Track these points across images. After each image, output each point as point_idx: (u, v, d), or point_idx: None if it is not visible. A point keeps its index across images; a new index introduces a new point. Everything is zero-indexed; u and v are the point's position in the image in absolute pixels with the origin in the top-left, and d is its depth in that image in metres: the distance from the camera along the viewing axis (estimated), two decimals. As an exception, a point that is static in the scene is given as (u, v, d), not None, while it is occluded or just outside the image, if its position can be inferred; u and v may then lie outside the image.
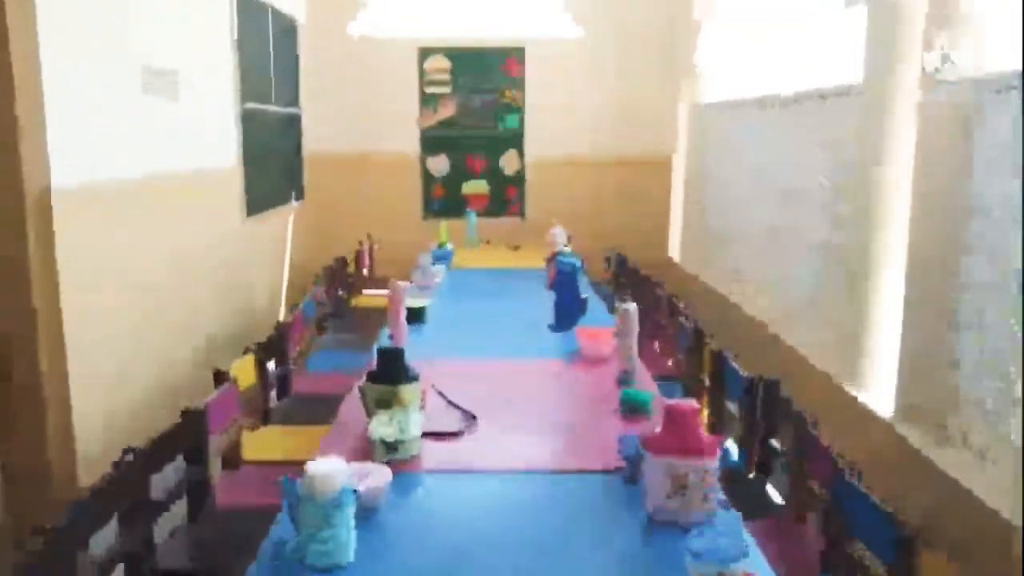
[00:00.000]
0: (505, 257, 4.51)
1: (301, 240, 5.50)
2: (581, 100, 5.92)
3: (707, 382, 2.51)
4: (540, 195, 5.98)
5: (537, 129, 5.94)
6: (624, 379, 2.15)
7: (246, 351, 2.54)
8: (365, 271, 4.98)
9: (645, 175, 5.87)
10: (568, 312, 2.74)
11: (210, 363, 2.87)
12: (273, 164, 4.87)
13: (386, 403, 1.71)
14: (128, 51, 2.98)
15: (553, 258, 3.40)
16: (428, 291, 3.28)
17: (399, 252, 5.28)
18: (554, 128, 5.93)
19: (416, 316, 2.85)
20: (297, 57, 5.50)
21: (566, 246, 3.75)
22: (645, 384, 2.19)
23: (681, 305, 3.14)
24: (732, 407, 2.31)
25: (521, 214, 6.04)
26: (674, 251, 5.49)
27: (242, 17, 4.28)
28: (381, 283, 5.02)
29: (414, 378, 1.79)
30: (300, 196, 5.55)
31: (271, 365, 2.67)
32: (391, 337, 2.51)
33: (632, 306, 2.26)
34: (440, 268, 3.75)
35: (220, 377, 2.20)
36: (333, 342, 3.62)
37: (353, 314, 4.17)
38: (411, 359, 1.86)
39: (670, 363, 3.13)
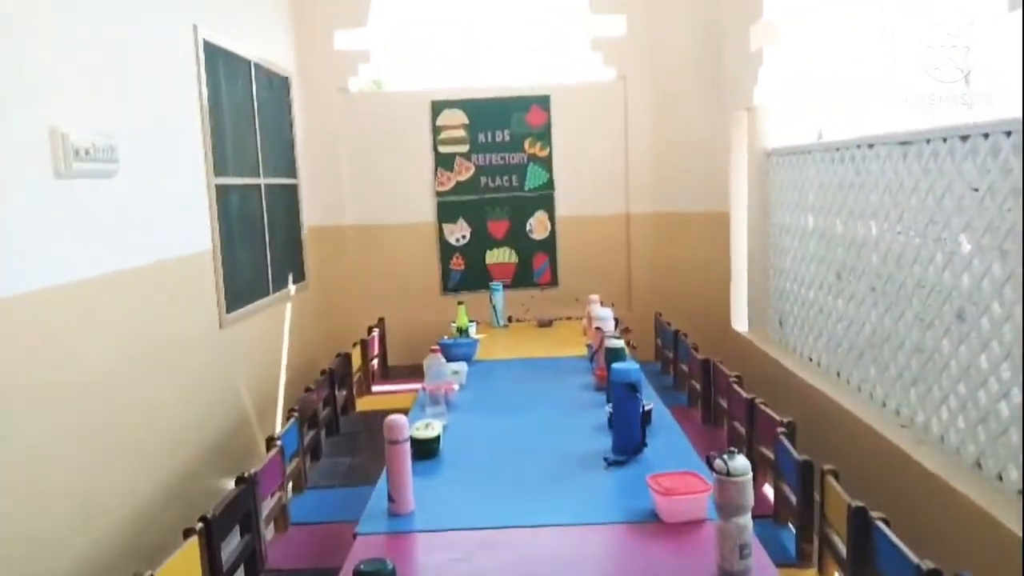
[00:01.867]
0: (537, 340, 4.36)
1: (303, 329, 5.21)
2: (618, 150, 5.78)
3: (845, 551, 1.92)
4: (574, 261, 5.84)
5: (568, 185, 5.80)
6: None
7: (186, 534, 1.86)
8: (375, 362, 4.69)
9: (697, 233, 5.55)
10: (629, 438, 2.37)
11: (187, 505, 2.43)
12: (261, 245, 4.55)
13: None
14: (36, 120, 2.42)
15: (600, 346, 3.17)
16: (441, 407, 2.84)
17: (416, 334, 5.33)
18: (587, 183, 5.79)
19: (425, 451, 2.40)
20: (291, 119, 5.21)
21: (618, 336, 3.13)
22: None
23: (781, 420, 2.61)
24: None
25: (553, 282, 5.84)
26: (739, 321, 5.02)
27: (212, 73, 3.83)
28: (397, 373, 4.65)
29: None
30: (300, 278, 5.22)
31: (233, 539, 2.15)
32: (391, 499, 2.01)
33: (745, 474, 1.54)
34: (459, 368, 3.37)
35: None
36: (327, 474, 3.16)
37: (360, 422, 3.84)
38: (416, 527, 1.68)
39: (767, 492, 2.65)
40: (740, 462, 1.60)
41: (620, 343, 3.10)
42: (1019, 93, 1.91)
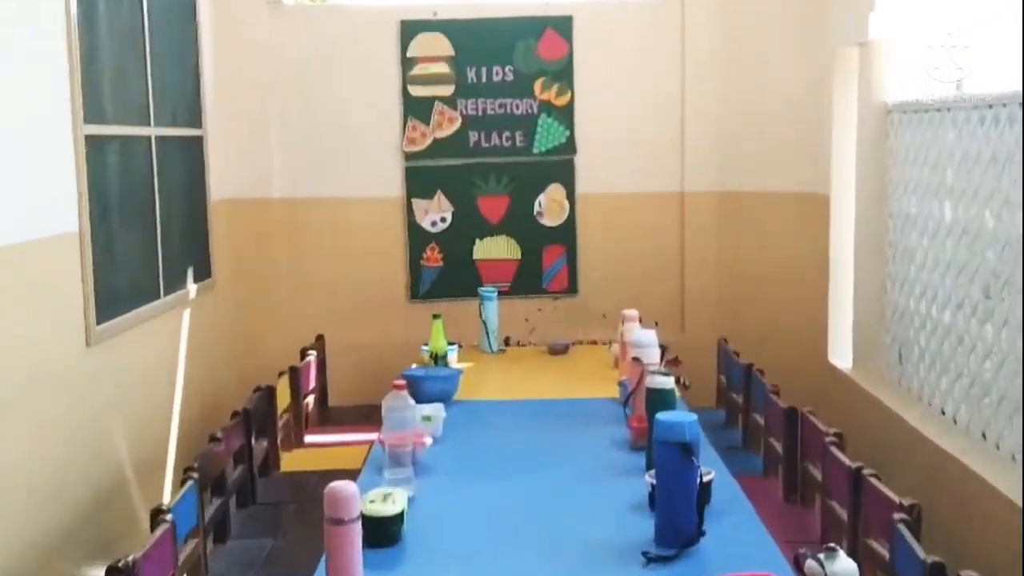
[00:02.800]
0: (546, 374, 4.40)
1: (208, 350, 5.22)
2: (669, 100, 5.80)
3: None
4: (601, 259, 5.87)
5: (596, 149, 5.83)
6: None
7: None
8: (309, 401, 4.69)
9: (781, 224, 5.55)
10: (680, 522, 2.38)
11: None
12: (150, 226, 4.56)
13: None
14: None
15: (638, 386, 3.20)
16: (406, 470, 2.82)
17: (370, 361, 5.39)
18: (623, 147, 5.82)
19: (382, 534, 2.41)
20: (196, 44, 5.26)
21: (665, 371, 3.14)
22: None
23: (900, 501, 2.60)
24: None
25: (571, 289, 5.80)
26: (839, 353, 5.04)
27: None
28: (342, 417, 4.68)
29: None
30: (205, 274, 5.23)
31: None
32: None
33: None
34: (433, 412, 3.37)
35: None
36: (239, 562, 3.19)
37: (286, 488, 3.89)
38: None
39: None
40: (843, 565, 1.60)
41: (668, 382, 3.07)
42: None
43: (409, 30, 5.67)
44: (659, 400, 2.97)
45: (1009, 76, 3.65)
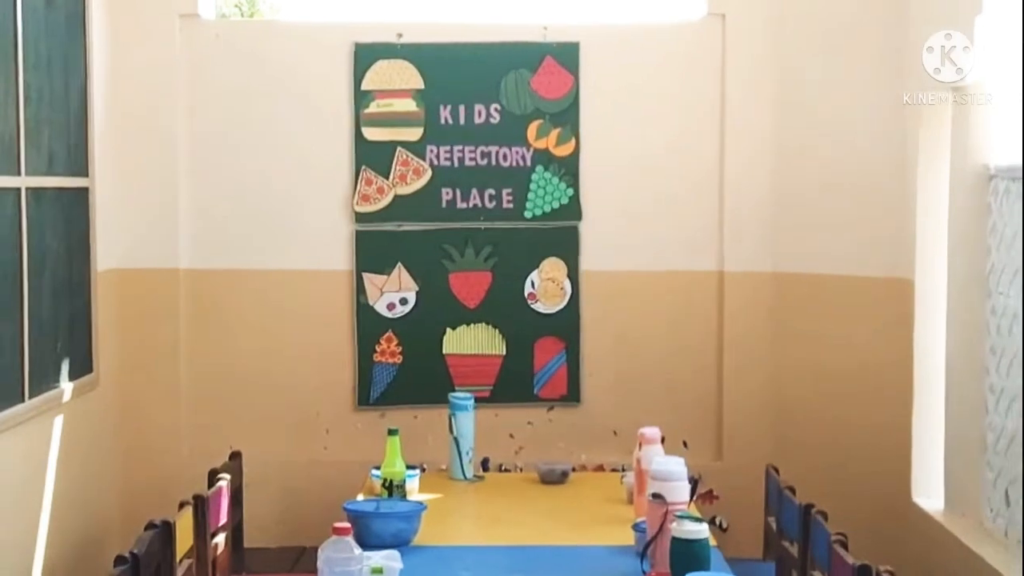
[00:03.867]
0: (538, 511, 4.43)
1: (86, 471, 5.20)
2: (703, 153, 5.86)
3: None
4: (613, 358, 5.88)
5: (607, 213, 5.89)
6: None
7: None
8: (219, 542, 4.61)
9: (851, 317, 5.57)
10: None
11: None
12: (15, 304, 4.57)
13: None
14: None
15: (661, 531, 3.25)
16: None
17: (303, 490, 5.48)
18: (644, 211, 5.87)
19: None
20: (85, 68, 5.30)
21: (697, 517, 3.13)
22: None
23: None
24: None
25: (572, 397, 5.85)
26: (926, 491, 5.01)
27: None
28: (264, 565, 4.94)
29: None
30: (84, 369, 5.24)
31: None
32: None
33: None
34: (386, 563, 3.33)
35: None
36: None
37: None
38: None
39: None
40: None
41: (701, 530, 3.09)
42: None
43: (366, 56, 5.75)
44: (688, 554, 2.99)
45: None
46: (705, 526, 3.15)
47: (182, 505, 4.32)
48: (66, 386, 4.94)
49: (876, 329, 5.37)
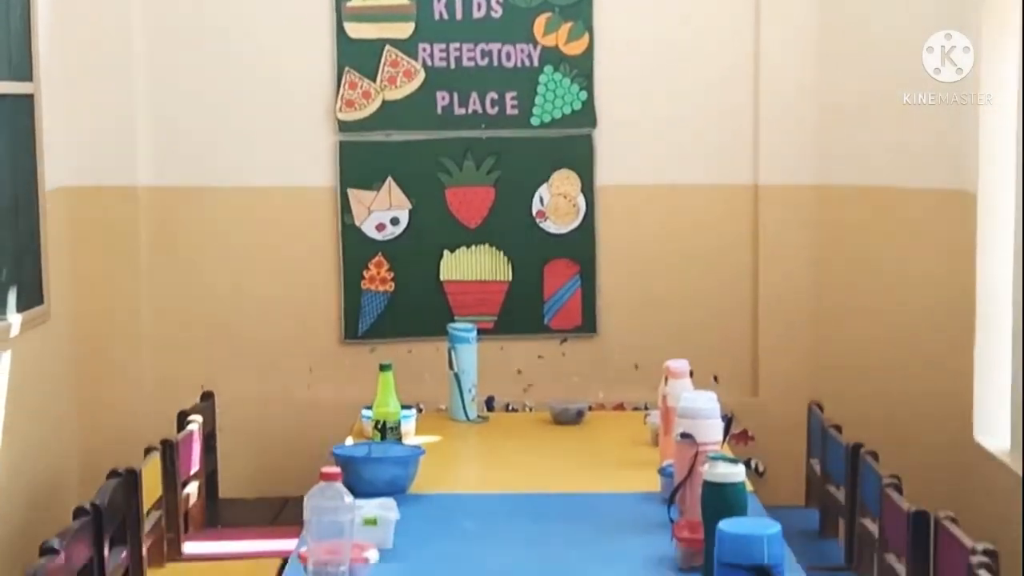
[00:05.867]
0: (549, 455, 4.47)
1: (39, 413, 5.24)
2: (736, 50, 5.87)
3: None
4: (631, 281, 5.96)
5: (625, 122, 5.89)
6: None
7: None
8: (190, 491, 4.71)
9: (904, 235, 5.60)
10: None
11: None
12: None
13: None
14: None
15: (690, 475, 3.28)
16: None
17: (285, 431, 5.55)
18: (666, 119, 5.88)
19: None
20: None
21: (731, 457, 3.16)
22: None
23: None
24: None
25: (586, 327, 5.90)
26: (992, 430, 5.04)
27: None
28: (240, 517, 5.07)
29: None
30: (33, 300, 5.25)
31: None
32: None
33: None
34: (379, 512, 3.38)
35: None
36: None
37: None
38: None
39: None
40: None
41: (735, 472, 3.10)
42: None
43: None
44: (721, 500, 2.98)
45: None
46: (741, 468, 3.15)
47: (148, 451, 4.36)
48: (13, 319, 4.95)
49: (933, 249, 5.38)
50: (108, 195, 5.72)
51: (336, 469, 2.97)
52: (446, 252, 5.86)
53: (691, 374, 4.16)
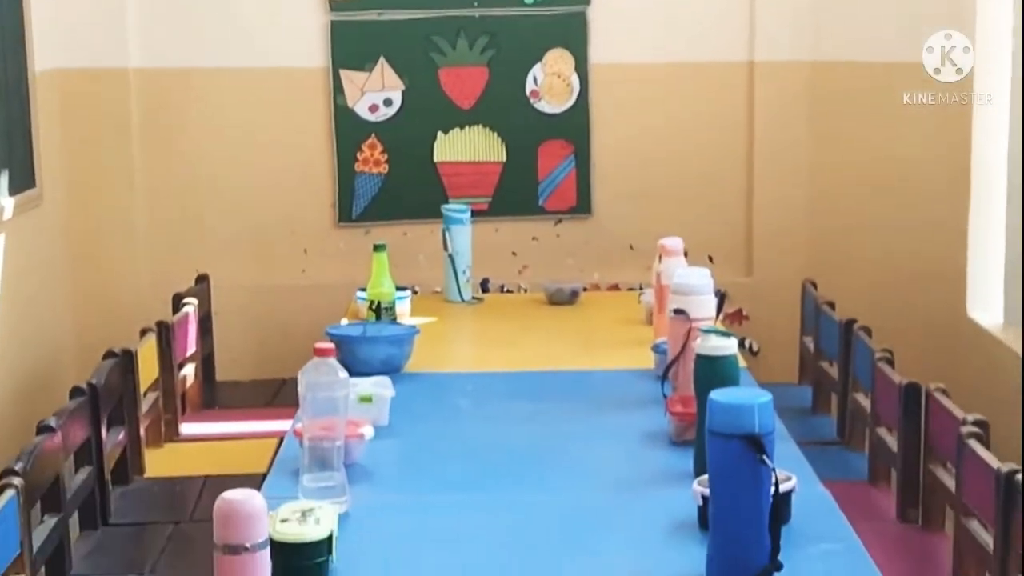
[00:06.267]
0: (543, 334, 4.49)
1: (33, 295, 5.26)
2: None
3: None
4: (626, 161, 5.92)
5: None
6: None
7: None
8: (187, 373, 4.75)
9: (900, 110, 5.50)
10: (744, 548, 2.40)
11: None
12: None
13: None
14: None
15: (683, 351, 3.31)
16: (336, 475, 2.88)
17: (279, 312, 5.57)
18: None
19: (300, 570, 2.43)
20: None
21: (724, 331, 3.19)
22: None
23: None
24: None
25: (581, 208, 5.90)
26: (985, 305, 5.07)
27: None
28: (236, 398, 5.11)
29: None
30: (25, 183, 5.24)
31: None
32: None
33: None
34: (375, 389, 3.43)
35: None
36: None
37: (155, 500, 4.01)
38: None
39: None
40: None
41: (728, 345, 3.11)
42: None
43: None
44: (714, 372, 3.00)
45: None
46: (733, 341, 3.16)
47: (144, 332, 4.39)
48: (6, 201, 4.94)
49: (928, 122, 5.35)
50: (98, 77, 5.67)
51: (330, 344, 2.97)
52: (440, 133, 5.84)
53: (685, 253, 4.17)
